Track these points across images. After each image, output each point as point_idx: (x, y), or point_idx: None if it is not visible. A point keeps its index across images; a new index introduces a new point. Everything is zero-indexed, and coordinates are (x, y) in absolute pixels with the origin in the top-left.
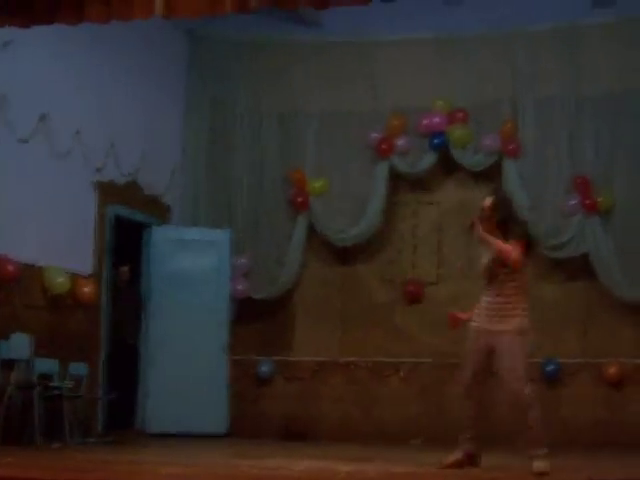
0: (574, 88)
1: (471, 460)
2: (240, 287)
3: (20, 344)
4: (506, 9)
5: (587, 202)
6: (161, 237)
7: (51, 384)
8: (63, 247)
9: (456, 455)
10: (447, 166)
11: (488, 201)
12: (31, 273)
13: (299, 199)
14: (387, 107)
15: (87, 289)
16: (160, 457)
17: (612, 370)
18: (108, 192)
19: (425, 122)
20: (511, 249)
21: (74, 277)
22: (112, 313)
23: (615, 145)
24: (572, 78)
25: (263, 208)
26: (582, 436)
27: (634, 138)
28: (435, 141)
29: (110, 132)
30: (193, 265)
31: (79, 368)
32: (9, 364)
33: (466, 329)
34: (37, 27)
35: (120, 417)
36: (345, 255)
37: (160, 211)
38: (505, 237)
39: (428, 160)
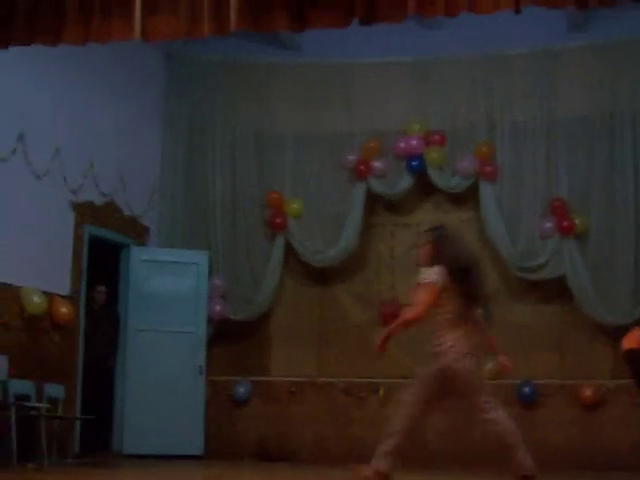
0: (550, 111)
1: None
2: (218, 308)
3: None
4: (483, 33)
5: (563, 224)
6: (139, 258)
7: (27, 404)
8: (40, 267)
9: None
10: (424, 188)
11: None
12: (7, 293)
13: (277, 220)
14: (364, 129)
15: (64, 310)
16: (136, 478)
17: (588, 392)
18: (86, 212)
19: (402, 145)
20: (406, 314)
21: (51, 297)
22: (88, 334)
23: (591, 168)
24: (548, 101)
25: (241, 229)
26: (557, 458)
27: (609, 161)
28: (412, 164)
29: (89, 152)
30: (171, 286)
31: (55, 389)
32: None
33: None
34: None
35: (96, 438)
36: (322, 276)
37: (138, 232)
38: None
39: (405, 182)
